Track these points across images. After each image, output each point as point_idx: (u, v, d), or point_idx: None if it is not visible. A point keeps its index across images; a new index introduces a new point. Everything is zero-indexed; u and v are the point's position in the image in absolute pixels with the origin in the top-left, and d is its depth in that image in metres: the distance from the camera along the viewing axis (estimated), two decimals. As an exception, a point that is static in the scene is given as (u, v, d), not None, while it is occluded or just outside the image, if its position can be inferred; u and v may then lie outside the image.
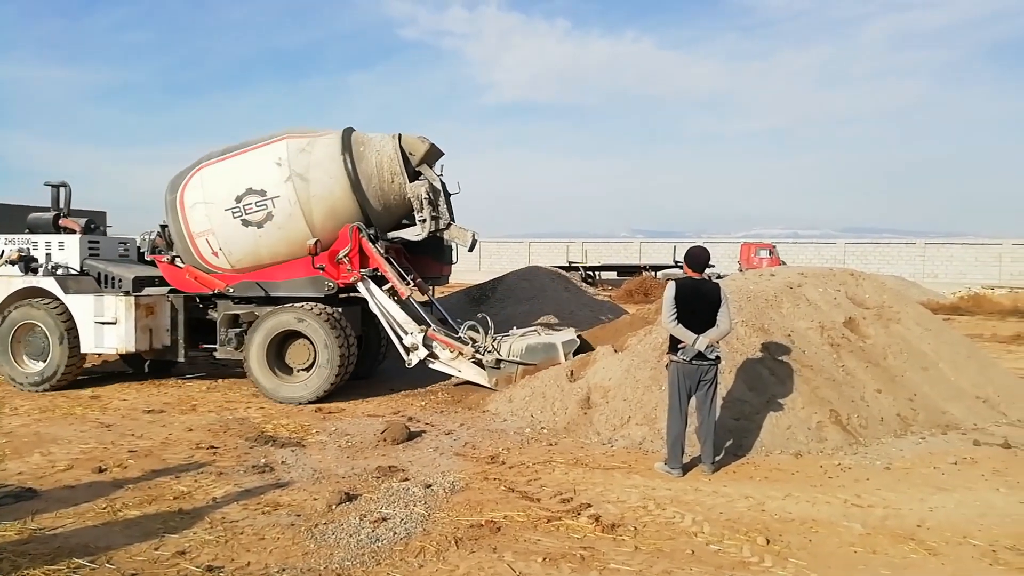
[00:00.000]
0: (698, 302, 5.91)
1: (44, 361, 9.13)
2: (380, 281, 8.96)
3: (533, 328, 9.43)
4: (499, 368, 8.61)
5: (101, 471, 5.86)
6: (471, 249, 9.26)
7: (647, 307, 11.54)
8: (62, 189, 10.27)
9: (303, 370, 8.79)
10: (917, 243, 39.84)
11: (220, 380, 10.03)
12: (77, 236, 9.77)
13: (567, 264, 32.98)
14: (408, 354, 8.69)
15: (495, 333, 8.90)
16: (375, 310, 8.86)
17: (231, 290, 9.07)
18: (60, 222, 10.03)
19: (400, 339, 8.72)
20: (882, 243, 41.54)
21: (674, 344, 5.97)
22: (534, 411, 7.79)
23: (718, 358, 5.95)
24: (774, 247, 36.52)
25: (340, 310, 8.87)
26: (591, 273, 33.09)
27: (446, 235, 9.10)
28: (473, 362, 8.64)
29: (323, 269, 8.72)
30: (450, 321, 9.44)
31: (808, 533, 4.75)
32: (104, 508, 5.04)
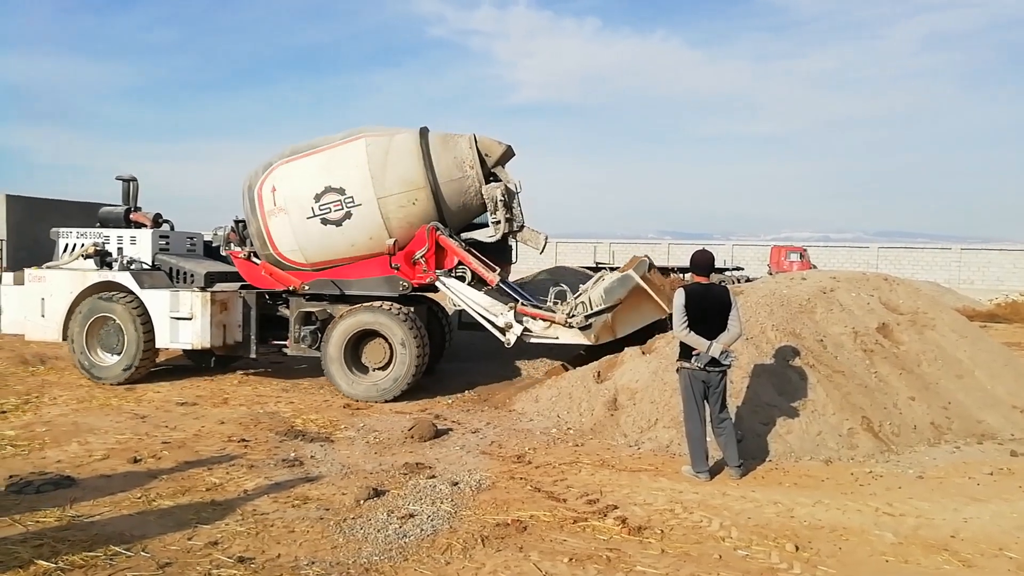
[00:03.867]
0: (708, 307, 5.85)
1: (118, 355, 9.22)
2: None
3: (596, 278, 9.28)
4: (591, 325, 8.51)
5: (136, 461, 5.99)
6: (542, 251, 9.26)
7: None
8: (131, 183, 10.29)
9: (378, 369, 8.85)
10: (953, 248, 39.01)
11: (251, 374, 10.19)
12: (149, 230, 9.82)
13: (594, 264, 32.87)
14: (504, 334, 8.64)
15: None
16: (460, 303, 8.89)
17: (306, 288, 9.13)
18: (131, 216, 10.09)
19: (492, 323, 8.69)
20: (916, 248, 40.75)
21: (686, 350, 5.91)
22: (560, 411, 7.79)
23: (730, 363, 5.89)
24: (805, 250, 36.02)
25: (411, 309, 8.91)
26: (618, 274, 32.87)
27: (518, 237, 9.10)
28: (566, 326, 8.57)
29: (398, 269, 8.77)
30: (530, 299, 9.34)
31: (838, 541, 4.69)
32: (139, 497, 5.15)
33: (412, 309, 8.89)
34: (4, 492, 5.16)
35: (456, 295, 8.84)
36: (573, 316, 8.51)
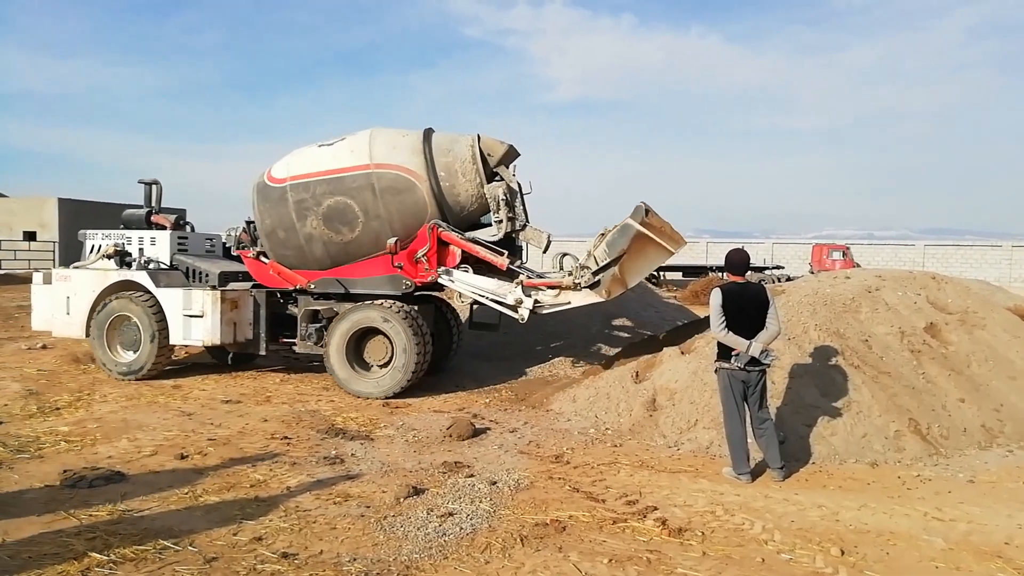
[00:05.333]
0: (746, 306, 5.78)
1: (136, 351, 9.57)
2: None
3: (598, 236, 9.02)
4: (599, 281, 8.44)
5: (183, 457, 6.14)
6: (545, 251, 9.27)
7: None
8: (154, 187, 10.72)
9: (380, 366, 8.99)
10: (1004, 245, 37.80)
11: (293, 373, 10.36)
12: (168, 232, 10.18)
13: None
14: (517, 311, 8.67)
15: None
16: (468, 294, 8.98)
17: (312, 286, 9.33)
18: (152, 218, 10.46)
19: (502, 303, 8.73)
20: (965, 245, 39.59)
21: (724, 351, 5.84)
22: (598, 412, 7.76)
23: (770, 363, 5.80)
24: (848, 248, 35.25)
25: (415, 308, 9.05)
26: (656, 273, 32.67)
27: (521, 236, 9.14)
28: (576, 289, 8.55)
29: (401, 268, 8.90)
30: (534, 271, 9.39)
31: (885, 546, 4.58)
32: (186, 493, 5.28)
33: (416, 307, 9.03)
34: (59, 486, 5.33)
35: (461, 286, 8.92)
36: (581, 277, 8.46)
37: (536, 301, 8.62)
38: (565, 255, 8.88)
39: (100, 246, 10.19)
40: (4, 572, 3.95)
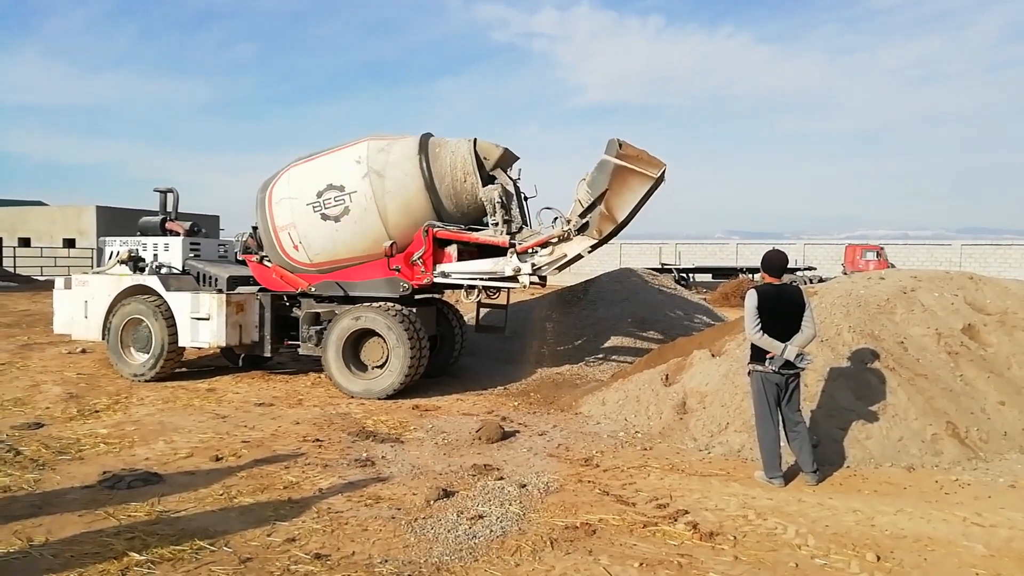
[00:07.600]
0: (782, 308, 5.70)
1: (148, 353, 9.83)
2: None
3: (579, 183, 8.93)
4: (588, 223, 8.48)
5: (218, 459, 6.24)
6: None
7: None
8: (169, 195, 11.15)
9: (377, 367, 9.12)
10: (1045, 244, 36.83)
11: (323, 375, 10.47)
12: (180, 238, 10.54)
13: (660, 266, 32.46)
14: (518, 280, 8.76)
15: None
16: (468, 282, 9.05)
17: (313, 289, 9.54)
18: (166, 225, 10.85)
19: (502, 278, 8.81)
20: (1003, 244, 38.61)
21: (758, 353, 5.77)
22: (628, 415, 7.73)
23: (804, 366, 5.72)
24: (882, 249, 34.65)
25: (413, 310, 9.17)
26: (685, 275, 32.45)
27: (518, 239, 9.20)
28: (568, 238, 8.58)
29: (398, 271, 9.05)
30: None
31: (923, 551, 4.49)
32: (221, 494, 5.36)
33: (413, 309, 9.15)
34: (98, 487, 5.46)
35: (459, 277, 9.01)
36: (569, 224, 8.46)
37: (534, 264, 8.69)
38: (556, 218, 8.86)
39: (117, 252, 10.54)
40: (48, 571, 4.05)
